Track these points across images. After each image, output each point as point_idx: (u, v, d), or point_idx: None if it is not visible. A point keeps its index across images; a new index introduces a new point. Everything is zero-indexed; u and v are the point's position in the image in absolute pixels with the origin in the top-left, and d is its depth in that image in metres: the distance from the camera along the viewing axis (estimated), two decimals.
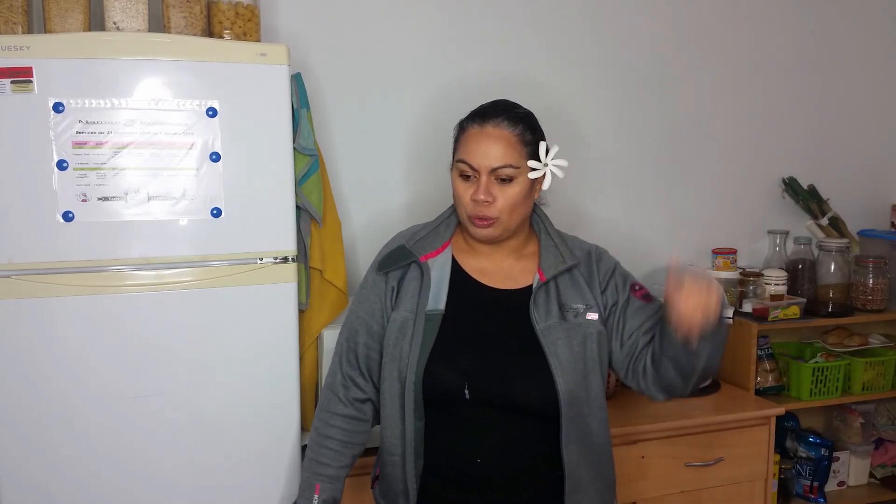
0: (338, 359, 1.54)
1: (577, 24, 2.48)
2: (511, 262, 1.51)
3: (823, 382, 2.49)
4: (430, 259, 1.48)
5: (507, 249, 1.50)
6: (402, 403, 1.43)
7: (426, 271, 1.47)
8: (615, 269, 1.53)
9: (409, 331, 1.44)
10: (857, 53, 2.83)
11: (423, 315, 1.43)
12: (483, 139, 1.42)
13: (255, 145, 1.65)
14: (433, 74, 2.35)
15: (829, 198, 2.74)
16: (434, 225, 1.54)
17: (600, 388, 1.45)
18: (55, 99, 1.51)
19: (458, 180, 1.45)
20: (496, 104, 1.47)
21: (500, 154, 1.40)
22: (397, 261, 1.49)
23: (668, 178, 2.64)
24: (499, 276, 1.49)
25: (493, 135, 1.41)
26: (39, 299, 1.54)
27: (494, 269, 1.50)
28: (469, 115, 1.48)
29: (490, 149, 1.41)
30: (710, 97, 2.66)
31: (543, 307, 1.44)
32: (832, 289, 2.61)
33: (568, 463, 1.40)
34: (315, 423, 1.54)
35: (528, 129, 1.44)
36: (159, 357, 1.62)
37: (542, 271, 1.46)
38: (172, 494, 1.65)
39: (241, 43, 1.69)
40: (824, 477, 2.57)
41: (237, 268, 1.66)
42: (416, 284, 1.47)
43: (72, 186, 1.54)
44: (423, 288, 1.46)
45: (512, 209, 1.42)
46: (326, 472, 1.50)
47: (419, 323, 1.43)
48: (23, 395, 1.55)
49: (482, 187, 1.40)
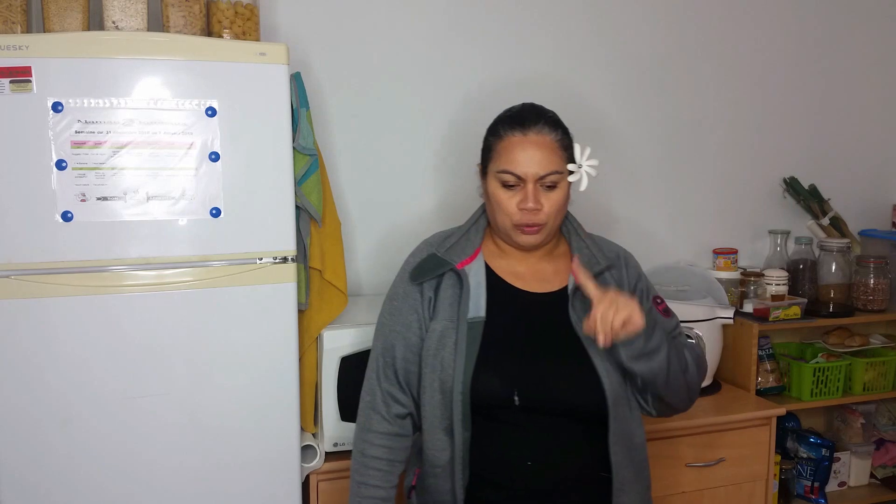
0: (374, 375, 1.51)
1: (579, 23, 2.48)
2: (543, 264, 1.50)
3: (824, 383, 2.48)
4: (465, 266, 1.46)
5: (540, 252, 1.50)
6: (447, 414, 1.41)
7: (464, 279, 1.45)
8: (640, 276, 1.53)
9: (449, 340, 1.42)
10: (858, 53, 2.83)
11: (464, 324, 1.41)
12: (527, 147, 1.40)
13: (255, 145, 1.64)
14: (433, 73, 2.34)
15: (830, 198, 2.74)
16: (464, 230, 1.52)
17: (632, 390, 1.46)
18: (54, 98, 1.51)
19: (499, 189, 1.43)
20: (529, 109, 1.46)
21: (546, 161, 1.40)
22: (432, 270, 1.47)
23: (669, 177, 2.64)
24: (532, 279, 1.49)
25: (537, 142, 1.40)
26: (38, 299, 1.54)
27: (527, 272, 1.49)
28: (504, 121, 1.46)
29: (535, 156, 1.40)
30: (710, 97, 2.66)
31: (582, 309, 1.42)
32: (833, 289, 2.61)
33: (615, 464, 1.40)
34: (358, 445, 1.50)
35: (564, 133, 1.45)
36: (158, 357, 1.62)
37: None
38: (172, 494, 1.65)
39: (241, 42, 1.69)
40: (825, 477, 2.56)
41: (237, 268, 1.66)
42: (454, 293, 1.45)
43: (71, 186, 1.54)
44: (463, 296, 1.44)
45: (557, 214, 1.44)
46: (378, 495, 1.46)
47: (461, 332, 1.41)
48: (22, 396, 1.55)
49: (531, 196, 1.39)
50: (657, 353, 1.35)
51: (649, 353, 1.34)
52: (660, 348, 1.35)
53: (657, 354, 1.35)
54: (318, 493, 1.84)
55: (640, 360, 1.34)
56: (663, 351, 1.36)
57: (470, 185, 2.41)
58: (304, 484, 1.81)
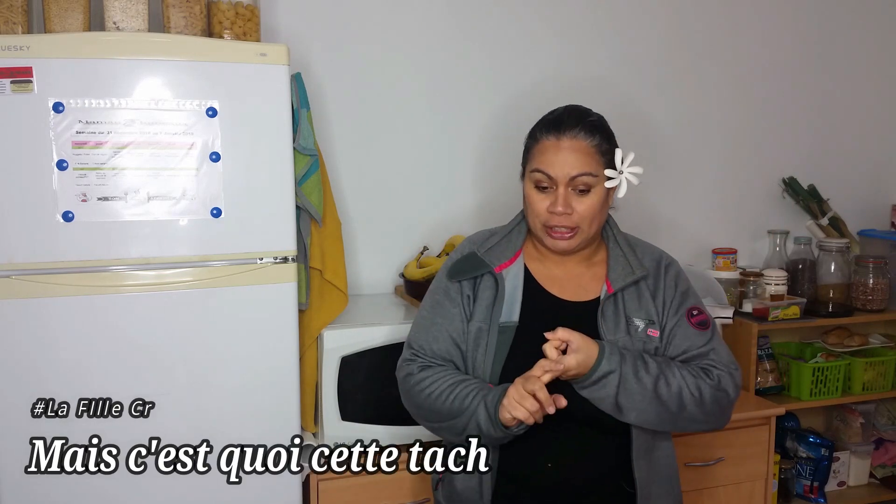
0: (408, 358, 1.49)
1: (580, 23, 2.48)
2: (581, 269, 1.49)
3: (823, 382, 2.49)
4: (504, 269, 1.45)
5: (578, 257, 1.49)
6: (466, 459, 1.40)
7: (500, 282, 1.44)
8: (678, 285, 1.49)
9: (482, 342, 1.42)
10: (857, 53, 2.83)
11: (496, 327, 1.41)
12: (560, 151, 1.39)
13: (255, 145, 1.65)
14: (433, 73, 2.35)
15: (830, 198, 2.74)
16: (506, 231, 1.51)
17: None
18: (55, 99, 1.51)
19: (532, 190, 1.43)
20: (570, 112, 1.44)
21: (578, 163, 1.38)
22: (470, 271, 1.47)
23: (668, 177, 2.64)
24: (569, 286, 1.48)
25: (571, 146, 1.39)
26: (39, 299, 1.54)
27: (565, 277, 1.48)
28: (542, 125, 1.44)
29: (567, 159, 1.39)
30: (710, 97, 2.66)
31: (612, 319, 1.42)
32: (832, 289, 2.61)
33: (639, 479, 1.40)
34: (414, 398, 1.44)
35: (604, 139, 1.43)
36: (159, 357, 1.62)
37: (610, 282, 1.44)
38: (172, 494, 1.65)
39: (241, 43, 1.69)
40: (824, 477, 2.57)
41: (237, 268, 1.66)
42: (490, 294, 1.45)
43: (72, 186, 1.54)
44: (498, 299, 1.43)
45: (591, 219, 1.41)
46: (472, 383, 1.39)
47: (492, 335, 1.41)
48: (22, 396, 1.55)
49: (561, 199, 1.38)
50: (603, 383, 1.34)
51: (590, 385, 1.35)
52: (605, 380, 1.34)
53: (602, 388, 1.34)
54: (318, 493, 1.84)
55: (584, 389, 1.35)
56: (612, 383, 1.34)
57: (469, 185, 2.42)
58: (304, 484, 1.81)
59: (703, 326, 1.47)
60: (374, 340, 1.87)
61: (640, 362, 1.37)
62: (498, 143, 2.40)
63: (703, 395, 1.39)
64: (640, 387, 1.35)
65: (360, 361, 1.87)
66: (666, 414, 1.37)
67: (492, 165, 2.41)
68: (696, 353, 1.45)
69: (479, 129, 2.41)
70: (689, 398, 1.38)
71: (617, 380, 1.34)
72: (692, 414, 1.39)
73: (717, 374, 1.43)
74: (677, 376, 1.38)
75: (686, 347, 1.45)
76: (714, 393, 1.41)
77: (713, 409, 1.42)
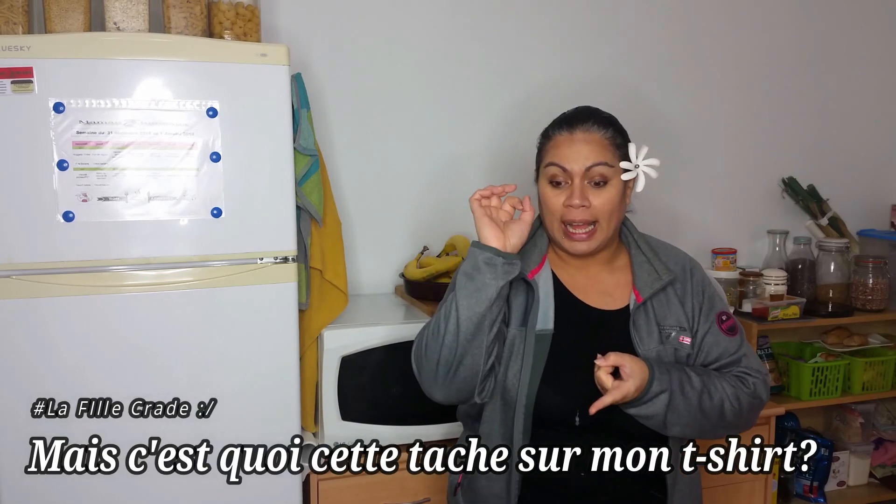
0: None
1: (582, 23, 2.48)
2: (605, 275, 1.46)
3: (823, 382, 2.49)
4: (535, 275, 1.41)
5: (599, 262, 1.46)
6: (506, 422, 1.38)
7: (535, 288, 1.40)
8: (705, 289, 1.47)
9: (517, 350, 1.38)
10: (857, 53, 2.84)
11: (532, 335, 1.37)
12: (574, 144, 1.38)
13: (256, 145, 1.65)
14: (434, 73, 2.35)
15: (829, 198, 2.75)
16: (531, 235, 1.44)
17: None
18: (55, 99, 1.51)
19: (547, 187, 1.40)
20: (581, 110, 1.44)
21: (593, 154, 1.37)
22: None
23: (668, 177, 2.64)
24: (595, 292, 1.45)
25: (584, 139, 1.38)
26: (39, 299, 1.54)
27: (589, 284, 1.45)
28: (554, 123, 1.44)
29: (582, 150, 1.37)
30: (710, 97, 2.67)
31: (644, 329, 1.40)
32: (832, 289, 2.61)
33: (670, 486, 1.40)
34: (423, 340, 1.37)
35: (617, 132, 1.42)
36: (159, 357, 1.62)
37: (638, 291, 1.42)
38: (172, 493, 1.65)
39: (242, 43, 1.69)
40: (824, 477, 2.57)
41: (237, 268, 1.66)
42: (522, 300, 1.41)
43: (72, 186, 1.54)
44: (533, 306, 1.39)
45: (610, 214, 1.39)
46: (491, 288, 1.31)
47: (529, 343, 1.37)
48: (22, 396, 1.55)
49: (577, 191, 1.36)
50: (653, 403, 1.33)
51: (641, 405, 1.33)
52: (656, 400, 1.33)
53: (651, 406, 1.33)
54: (318, 493, 1.84)
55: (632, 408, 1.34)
56: (662, 402, 1.33)
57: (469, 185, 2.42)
58: (304, 484, 1.81)
59: (733, 332, 1.46)
60: (374, 340, 1.87)
61: (684, 377, 1.36)
62: (499, 143, 2.40)
63: (742, 405, 1.40)
64: (685, 403, 1.34)
65: (360, 361, 1.87)
66: (708, 426, 1.38)
67: (492, 165, 2.41)
68: (730, 360, 1.44)
69: (480, 128, 2.41)
70: (730, 409, 1.39)
71: (667, 398, 1.33)
72: (730, 422, 1.40)
73: (752, 381, 1.43)
74: (719, 389, 1.38)
75: (719, 354, 1.44)
76: (751, 401, 1.42)
77: (749, 417, 1.43)
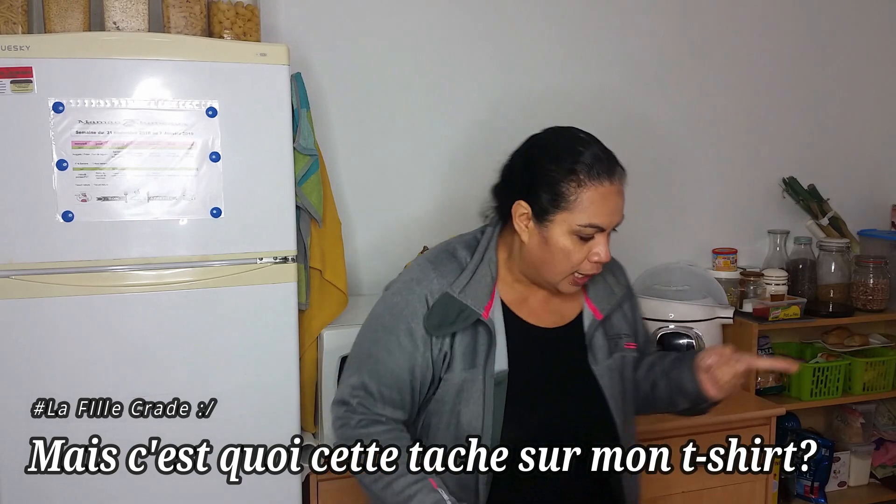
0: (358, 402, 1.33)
1: (581, 24, 2.48)
2: (554, 293, 1.39)
3: (824, 382, 2.49)
4: (490, 311, 1.31)
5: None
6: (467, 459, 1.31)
7: (492, 329, 1.31)
8: (634, 294, 1.54)
9: (471, 395, 1.30)
10: (857, 53, 2.83)
11: (490, 380, 1.29)
12: (612, 197, 1.28)
13: (255, 145, 1.65)
14: (434, 73, 2.35)
15: (830, 198, 2.74)
16: (473, 266, 1.34)
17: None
18: (55, 99, 1.51)
19: (568, 239, 1.28)
20: (604, 150, 1.32)
21: (621, 207, 1.31)
22: (456, 323, 1.29)
23: (668, 177, 2.64)
24: (543, 312, 1.40)
25: (619, 191, 1.30)
26: (39, 299, 1.54)
27: (537, 303, 1.40)
28: (589, 166, 1.27)
29: (619, 204, 1.30)
30: (710, 97, 2.66)
31: (599, 345, 1.40)
32: (832, 289, 2.61)
33: (627, 492, 1.42)
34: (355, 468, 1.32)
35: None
36: (159, 357, 1.62)
37: (596, 307, 1.40)
38: (172, 493, 1.65)
39: (241, 43, 1.69)
40: (825, 477, 2.57)
41: (237, 268, 1.66)
42: (470, 342, 1.31)
43: (71, 186, 1.54)
44: (489, 348, 1.30)
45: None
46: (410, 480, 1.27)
47: (488, 387, 1.29)
48: (22, 396, 1.55)
49: (606, 247, 1.29)
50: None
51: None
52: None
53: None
54: (318, 493, 1.84)
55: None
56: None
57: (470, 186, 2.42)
58: (304, 484, 1.81)
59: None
60: None
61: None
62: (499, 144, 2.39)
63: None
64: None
65: None
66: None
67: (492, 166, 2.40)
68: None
69: (480, 128, 2.41)
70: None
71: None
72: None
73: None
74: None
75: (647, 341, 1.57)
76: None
77: None
